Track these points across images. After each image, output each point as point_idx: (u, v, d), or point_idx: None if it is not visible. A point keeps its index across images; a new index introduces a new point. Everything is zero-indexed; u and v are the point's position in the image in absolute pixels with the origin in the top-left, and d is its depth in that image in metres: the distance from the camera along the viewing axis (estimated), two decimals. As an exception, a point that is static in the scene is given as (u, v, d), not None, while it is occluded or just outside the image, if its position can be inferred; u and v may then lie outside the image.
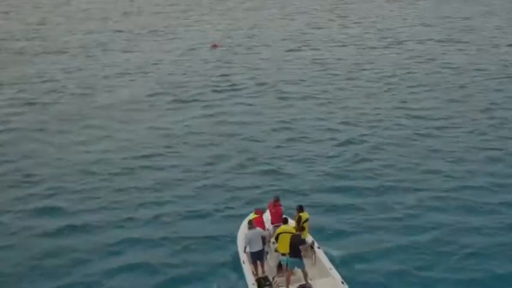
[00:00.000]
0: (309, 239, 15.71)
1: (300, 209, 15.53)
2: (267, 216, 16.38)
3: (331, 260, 15.27)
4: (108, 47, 48.04)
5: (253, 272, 14.84)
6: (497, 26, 52.24)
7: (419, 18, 58.90)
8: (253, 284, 14.36)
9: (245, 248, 14.97)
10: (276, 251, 15.02)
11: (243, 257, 15.28)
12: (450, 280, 15.40)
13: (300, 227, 15.21)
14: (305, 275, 14.17)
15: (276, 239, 14.61)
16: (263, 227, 15.46)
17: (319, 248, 15.59)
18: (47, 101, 32.88)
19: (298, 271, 14.35)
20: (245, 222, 16.39)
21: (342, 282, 14.11)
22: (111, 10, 70.76)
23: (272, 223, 16.14)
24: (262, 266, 14.98)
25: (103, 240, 17.79)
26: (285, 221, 14.97)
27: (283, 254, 14.37)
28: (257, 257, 14.85)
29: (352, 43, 46.68)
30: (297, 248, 14.08)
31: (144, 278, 15.96)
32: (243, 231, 16.15)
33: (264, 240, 14.93)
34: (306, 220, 15.35)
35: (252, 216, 16.06)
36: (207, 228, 18.32)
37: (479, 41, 45.60)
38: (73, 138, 26.69)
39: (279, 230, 14.64)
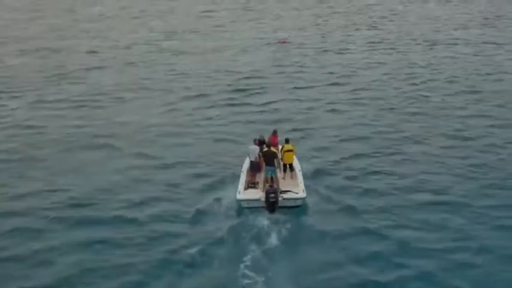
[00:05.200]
0: (295, 164, 20.95)
1: (286, 141, 20.86)
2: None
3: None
4: (178, 45, 51.67)
5: (248, 180, 20.38)
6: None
7: (472, 19, 61.95)
8: (242, 184, 19.95)
9: (248, 156, 20.60)
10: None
11: (244, 167, 20.97)
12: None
13: (282, 153, 20.44)
14: (276, 181, 19.44)
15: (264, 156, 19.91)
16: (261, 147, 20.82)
17: (300, 171, 20.75)
18: (122, 95, 35.03)
19: (275, 179, 19.65)
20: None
21: (303, 191, 19.12)
22: (176, 11, 76.73)
23: None
24: (255, 176, 20.41)
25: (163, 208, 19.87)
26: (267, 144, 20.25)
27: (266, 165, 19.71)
28: (253, 166, 20.37)
29: (406, 44, 49.00)
30: (271, 159, 19.49)
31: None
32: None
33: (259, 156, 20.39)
34: (289, 150, 20.44)
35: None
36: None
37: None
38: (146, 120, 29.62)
39: (264, 150, 19.87)
